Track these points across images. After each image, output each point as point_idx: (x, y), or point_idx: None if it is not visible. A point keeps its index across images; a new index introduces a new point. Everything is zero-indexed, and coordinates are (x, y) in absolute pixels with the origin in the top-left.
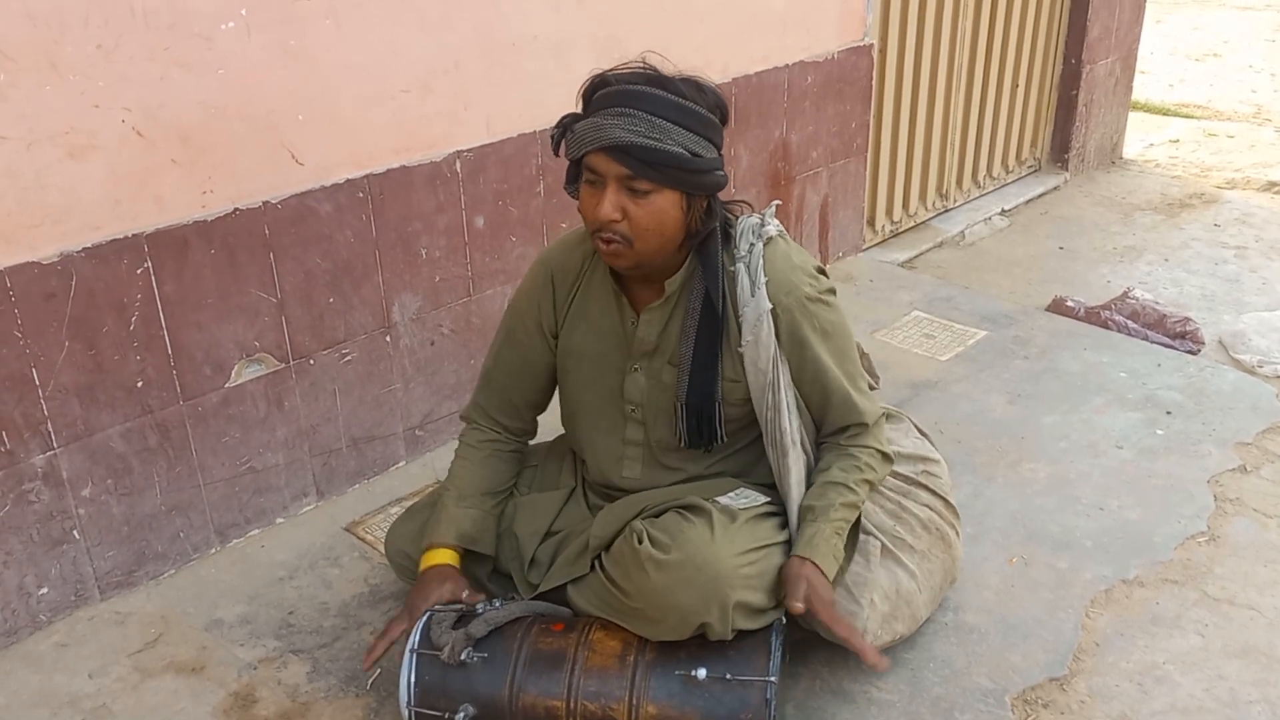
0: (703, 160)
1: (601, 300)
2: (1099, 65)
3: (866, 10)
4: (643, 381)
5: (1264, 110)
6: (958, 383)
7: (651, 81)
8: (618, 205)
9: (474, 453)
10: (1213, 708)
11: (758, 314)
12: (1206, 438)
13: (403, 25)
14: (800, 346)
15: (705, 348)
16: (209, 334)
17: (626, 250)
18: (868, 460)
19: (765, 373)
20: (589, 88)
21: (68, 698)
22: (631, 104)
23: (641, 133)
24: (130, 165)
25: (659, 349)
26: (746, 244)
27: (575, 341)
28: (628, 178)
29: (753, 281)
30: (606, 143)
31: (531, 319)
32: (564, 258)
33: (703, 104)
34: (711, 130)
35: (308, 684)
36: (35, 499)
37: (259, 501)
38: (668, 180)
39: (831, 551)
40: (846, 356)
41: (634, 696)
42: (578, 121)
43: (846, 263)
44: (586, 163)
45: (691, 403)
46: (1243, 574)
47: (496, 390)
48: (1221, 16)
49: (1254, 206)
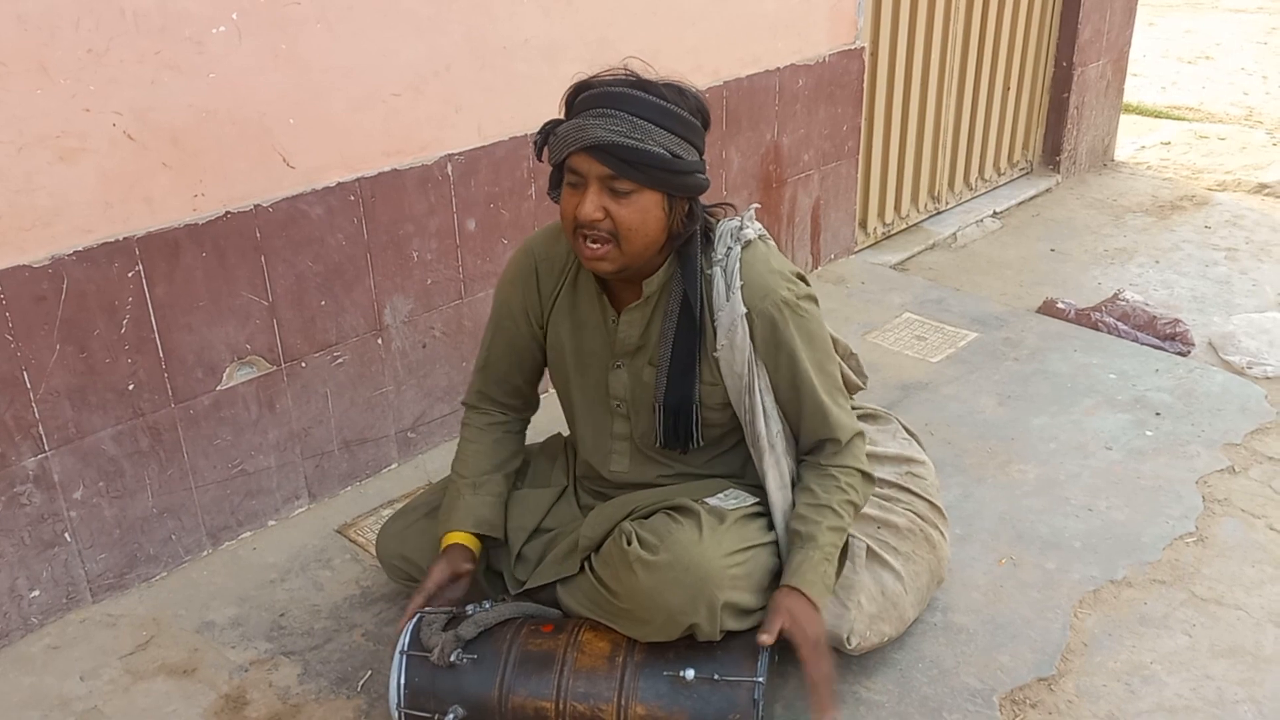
0: (684, 162)
1: (586, 295)
2: (1090, 68)
3: (857, 13)
4: (626, 378)
5: (1255, 113)
6: (948, 384)
7: (633, 84)
8: (599, 205)
9: (482, 435)
10: (1200, 707)
11: (732, 318)
12: (1195, 439)
13: (394, 29)
14: (775, 351)
15: (683, 351)
16: (200, 336)
17: (612, 251)
18: (849, 481)
19: (741, 376)
20: (571, 92)
21: (59, 700)
22: (614, 105)
23: (623, 133)
24: (121, 168)
25: (641, 348)
26: (724, 247)
27: (561, 334)
28: (610, 177)
29: (728, 285)
30: (588, 142)
31: (518, 306)
32: (549, 248)
33: (684, 107)
34: (693, 133)
35: (299, 686)
36: (26, 501)
37: (251, 504)
38: (650, 180)
39: (821, 579)
40: (823, 366)
41: (623, 697)
42: (560, 125)
43: (838, 265)
44: (569, 164)
45: (669, 404)
46: (1230, 574)
47: (493, 373)
48: (1214, 19)
49: (1245, 209)
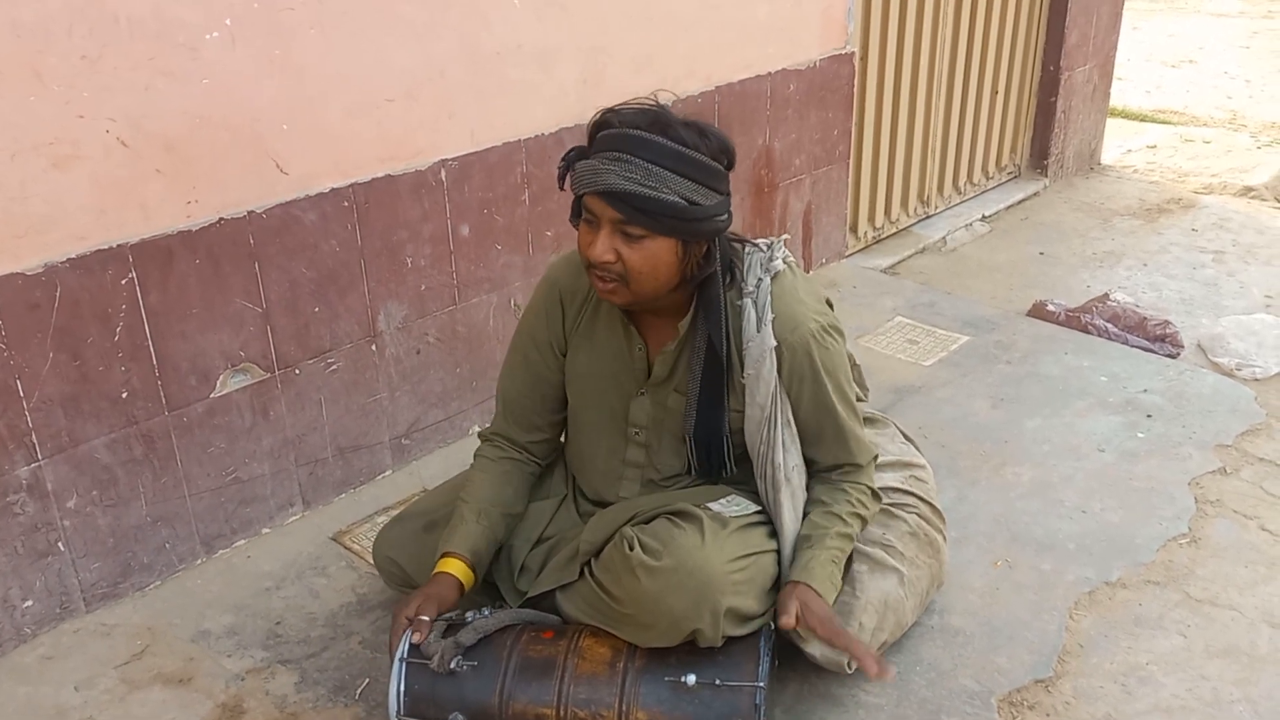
0: (700, 209)
1: (609, 324)
2: (1077, 72)
3: (848, 19)
4: (648, 406)
5: (1239, 116)
6: (941, 387)
7: (653, 126)
8: (610, 247)
9: (493, 466)
10: (1196, 707)
11: (762, 351)
12: (1187, 440)
13: (388, 34)
14: (801, 382)
15: (711, 384)
16: (194, 344)
17: (620, 289)
18: (859, 497)
19: (763, 407)
20: (593, 125)
21: (55, 711)
22: (630, 150)
23: (637, 180)
24: (115, 175)
25: (668, 378)
26: (754, 279)
27: (580, 362)
28: (621, 222)
29: (759, 318)
30: (601, 188)
31: (542, 338)
32: (573, 279)
33: (705, 150)
34: (713, 178)
35: (296, 694)
36: (20, 511)
37: (245, 512)
38: (662, 228)
39: (828, 577)
40: (844, 391)
41: (624, 703)
42: (581, 159)
43: (830, 269)
44: (584, 202)
45: (700, 437)
46: (1224, 575)
47: (514, 409)
48: (1197, 23)
49: (1231, 211)
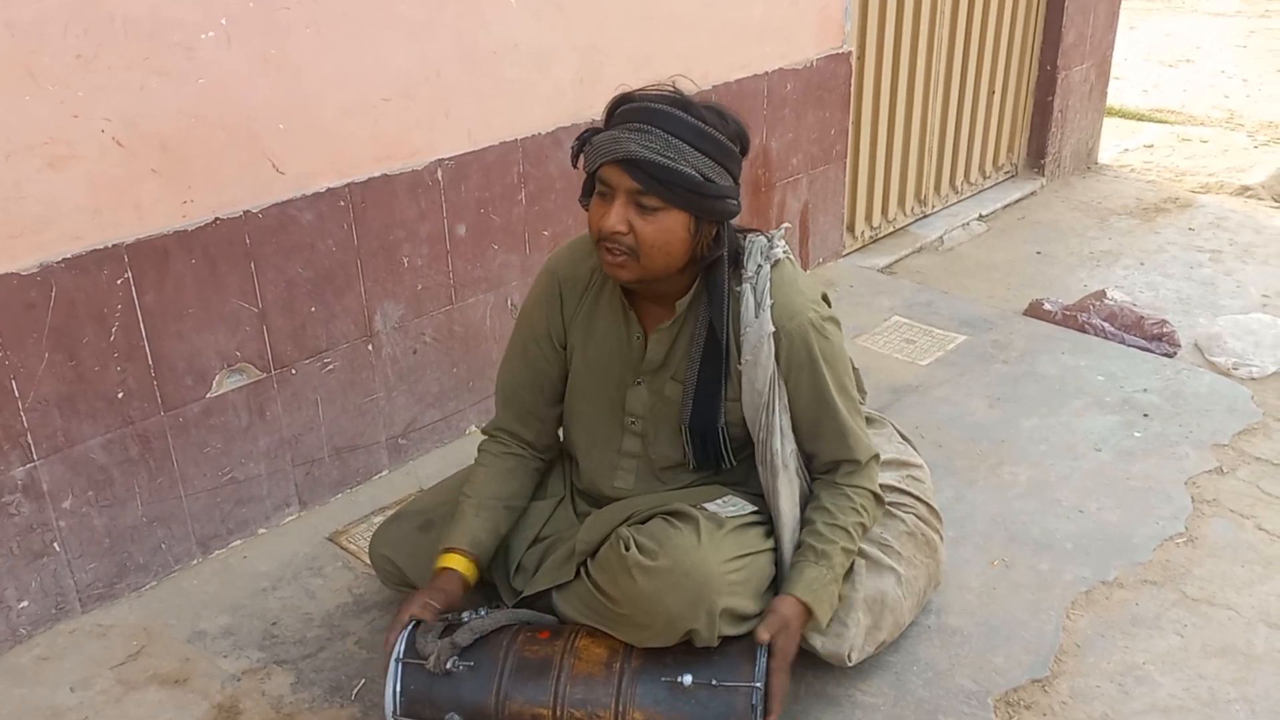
0: (715, 186)
1: (608, 313)
2: (1074, 71)
3: (844, 18)
4: (645, 395)
5: (1236, 115)
6: (938, 387)
7: (674, 103)
8: (624, 218)
9: (496, 462)
10: (1193, 707)
11: (759, 336)
12: (1184, 440)
13: (384, 33)
14: (799, 371)
15: (709, 373)
16: (190, 344)
17: (630, 263)
18: (863, 503)
19: (761, 394)
20: (612, 104)
21: (50, 711)
22: (651, 121)
23: (656, 150)
24: (110, 175)
25: (664, 365)
26: (754, 265)
27: (578, 352)
28: (637, 192)
29: (758, 303)
30: (620, 155)
31: (541, 329)
32: (573, 268)
33: (723, 131)
34: (728, 158)
35: (292, 695)
36: (15, 511)
37: (241, 512)
38: (677, 200)
39: (829, 599)
40: (844, 387)
41: (620, 703)
42: (597, 134)
43: (827, 268)
44: (600, 174)
45: (695, 427)
46: (1221, 574)
47: (514, 403)
48: (1194, 22)
49: (1228, 210)
